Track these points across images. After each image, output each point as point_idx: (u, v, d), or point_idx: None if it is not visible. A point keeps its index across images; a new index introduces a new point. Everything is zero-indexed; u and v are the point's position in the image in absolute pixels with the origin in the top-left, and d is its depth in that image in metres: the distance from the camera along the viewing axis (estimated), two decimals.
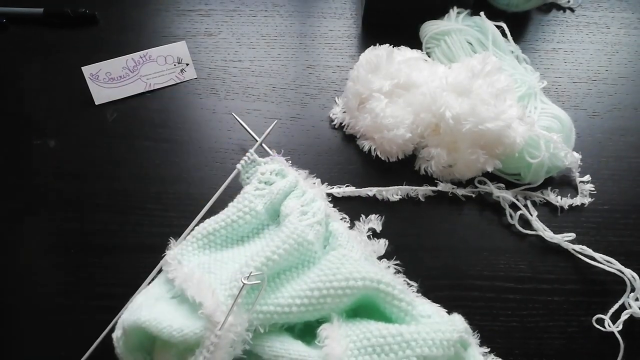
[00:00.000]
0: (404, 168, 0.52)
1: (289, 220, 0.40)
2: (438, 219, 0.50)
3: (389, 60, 0.51)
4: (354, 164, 0.53)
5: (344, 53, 0.60)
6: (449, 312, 0.40)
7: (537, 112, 0.51)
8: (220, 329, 0.33)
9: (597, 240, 0.49)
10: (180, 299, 0.38)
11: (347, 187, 0.50)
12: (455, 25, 0.56)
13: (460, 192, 0.50)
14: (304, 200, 0.44)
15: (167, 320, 0.34)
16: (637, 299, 0.45)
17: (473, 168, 0.49)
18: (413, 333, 0.35)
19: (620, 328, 0.44)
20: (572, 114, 0.53)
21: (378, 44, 0.53)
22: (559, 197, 0.51)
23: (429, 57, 0.56)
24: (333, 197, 0.50)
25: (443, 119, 0.48)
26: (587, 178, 0.52)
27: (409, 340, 0.34)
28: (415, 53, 0.55)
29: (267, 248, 0.38)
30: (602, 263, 0.46)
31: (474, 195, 0.51)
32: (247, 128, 0.51)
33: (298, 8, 0.63)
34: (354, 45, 0.60)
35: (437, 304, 0.41)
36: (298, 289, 0.37)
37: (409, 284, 0.44)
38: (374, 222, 0.49)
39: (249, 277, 0.35)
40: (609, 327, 0.45)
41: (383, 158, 0.52)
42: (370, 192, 0.50)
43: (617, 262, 0.46)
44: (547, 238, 0.48)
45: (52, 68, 0.57)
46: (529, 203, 0.50)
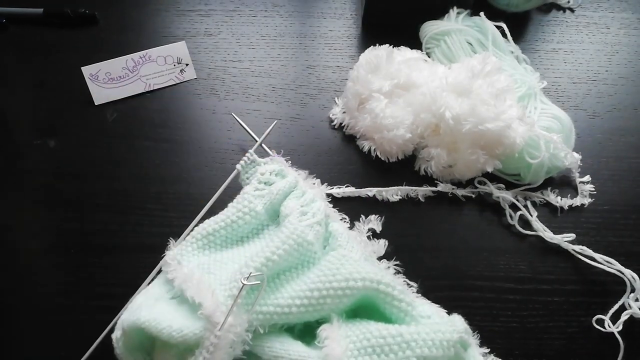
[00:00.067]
0: (404, 168, 0.52)
1: (289, 221, 0.40)
2: (438, 220, 0.50)
3: (389, 61, 0.51)
4: (354, 164, 0.53)
5: (344, 53, 0.60)
6: (449, 312, 0.40)
7: (537, 112, 0.51)
8: (220, 330, 0.33)
9: (597, 241, 0.49)
10: (180, 300, 0.38)
11: (347, 187, 0.50)
12: (455, 26, 0.56)
13: (460, 192, 0.50)
14: (304, 201, 0.44)
15: (166, 321, 0.34)
16: (637, 300, 0.45)
17: (473, 168, 0.49)
18: (413, 333, 0.35)
19: (620, 328, 0.44)
20: (572, 115, 0.53)
21: (378, 44, 0.53)
22: (559, 197, 0.51)
23: (429, 57, 0.56)
24: (333, 197, 0.50)
25: (443, 119, 0.48)
26: (587, 178, 0.52)
27: (409, 341, 0.34)
28: (415, 53, 0.55)
29: (266, 248, 0.38)
30: (602, 263, 0.46)
31: (474, 196, 0.51)
32: (246, 128, 0.51)
33: (298, 8, 0.63)
34: (354, 46, 0.60)
35: (437, 305, 0.41)
36: (298, 290, 0.37)
37: (409, 285, 0.44)
38: (374, 222, 0.49)
39: (249, 277, 0.35)
40: (609, 327, 0.45)
41: (383, 158, 0.52)
42: (370, 192, 0.50)
43: (617, 262, 0.46)
44: (547, 238, 0.48)
45: (52, 68, 0.57)
46: (529, 203, 0.50)
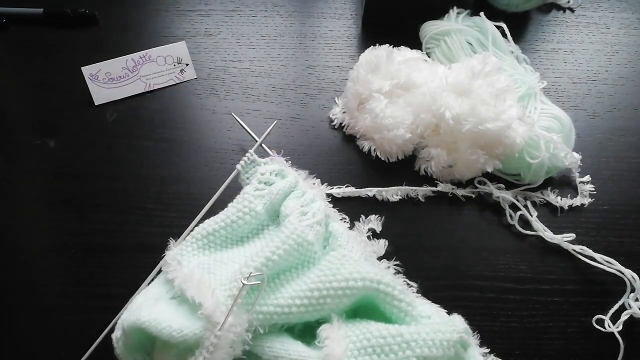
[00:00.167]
0: (404, 168, 0.52)
1: (289, 221, 0.40)
2: (438, 220, 0.50)
3: (389, 61, 0.51)
4: (354, 164, 0.53)
5: (344, 53, 0.60)
6: (449, 312, 0.40)
7: (537, 112, 0.51)
8: (220, 330, 0.33)
9: (597, 241, 0.49)
10: (180, 300, 0.38)
11: (347, 187, 0.50)
12: (455, 26, 0.56)
13: (460, 192, 0.50)
14: (304, 201, 0.44)
15: (166, 321, 0.34)
16: (637, 300, 0.45)
17: (473, 168, 0.49)
18: (413, 333, 0.35)
19: (620, 328, 0.44)
20: (572, 115, 0.53)
21: (378, 44, 0.54)
22: (559, 197, 0.51)
23: (429, 57, 0.56)
24: (333, 197, 0.50)
25: (443, 119, 0.48)
26: (587, 178, 0.52)
27: (409, 341, 0.34)
28: (415, 53, 0.55)
29: (266, 248, 0.38)
30: (602, 263, 0.46)
31: (474, 196, 0.51)
32: (246, 128, 0.51)
33: (298, 8, 0.63)
34: (354, 46, 0.60)
35: (437, 305, 0.41)
36: (298, 290, 0.37)
37: (409, 285, 0.44)
38: (374, 222, 0.49)
39: (249, 277, 0.35)
40: (609, 327, 0.45)
41: (383, 158, 0.52)
42: (370, 192, 0.50)
43: (617, 262, 0.46)
44: (547, 238, 0.48)
45: (52, 68, 0.57)
46: (529, 203, 0.50)
